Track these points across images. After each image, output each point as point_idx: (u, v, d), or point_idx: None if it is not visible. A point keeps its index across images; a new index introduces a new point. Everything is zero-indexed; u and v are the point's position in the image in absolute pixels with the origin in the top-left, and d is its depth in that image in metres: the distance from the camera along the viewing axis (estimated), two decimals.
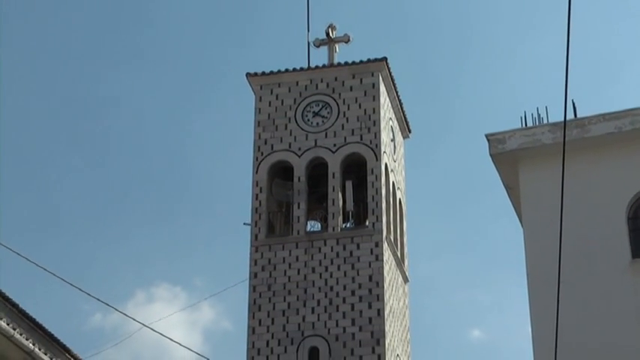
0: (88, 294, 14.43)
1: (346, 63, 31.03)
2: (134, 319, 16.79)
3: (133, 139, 62.44)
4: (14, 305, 21.40)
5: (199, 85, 62.70)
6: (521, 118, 20.35)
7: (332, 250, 28.60)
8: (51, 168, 59.72)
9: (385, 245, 28.76)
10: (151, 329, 16.75)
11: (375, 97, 30.39)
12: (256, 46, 61.40)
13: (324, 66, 31.33)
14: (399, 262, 30.62)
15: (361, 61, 30.88)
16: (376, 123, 30.03)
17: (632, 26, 66.90)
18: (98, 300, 14.77)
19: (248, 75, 31.06)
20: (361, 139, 29.88)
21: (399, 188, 31.95)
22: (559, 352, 15.90)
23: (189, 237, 60.98)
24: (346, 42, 32.39)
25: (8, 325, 15.55)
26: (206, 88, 62.65)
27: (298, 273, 28.42)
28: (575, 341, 17.44)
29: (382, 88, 30.84)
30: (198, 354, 20.68)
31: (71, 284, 13.86)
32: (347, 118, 30.19)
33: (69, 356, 23.11)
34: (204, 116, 62.32)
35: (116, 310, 16.32)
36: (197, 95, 62.44)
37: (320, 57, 32.04)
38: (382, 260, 28.30)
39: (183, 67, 63.97)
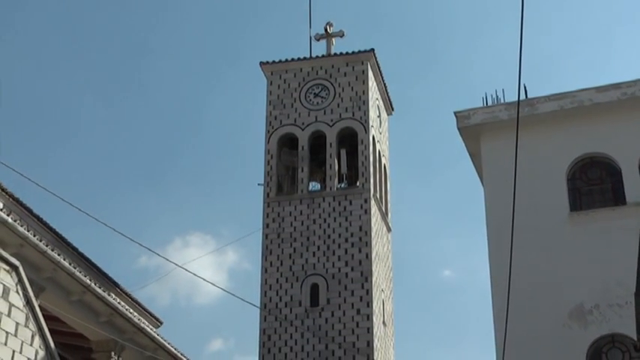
0: (135, 241, 14.55)
1: (341, 53, 31.03)
2: (171, 261, 16.89)
3: (170, 113, 62.78)
4: (74, 249, 21.76)
5: (223, 72, 62.71)
6: (483, 98, 20.45)
7: (329, 206, 28.74)
8: (106, 138, 59.86)
9: (372, 201, 28.92)
10: (185, 269, 16.80)
11: (365, 81, 30.42)
12: (268, 40, 61.40)
13: (323, 56, 31.31)
14: (384, 215, 30.80)
15: (353, 52, 30.89)
16: (365, 102, 30.08)
17: (575, 22, 66.82)
18: (143, 246, 14.84)
19: (261, 63, 31.09)
20: (353, 115, 29.95)
21: (383, 155, 32.07)
22: (512, 285, 16.11)
23: (216, 195, 61.40)
24: (341, 36, 32.37)
25: (70, 264, 15.75)
26: (227, 74, 62.66)
27: (302, 224, 28.57)
28: (525, 277, 17.57)
29: (370, 74, 30.87)
30: (224, 289, 20.93)
31: (122, 234, 13.99)
32: (341, 99, 30.24)
33: (118, 290, 23.46)
34: (227, 97, 62.59)
35: (157, 254, 16.43)
36: (220, 80, 62.46)
37: (320, 48, 32.07)
38: (370, 214, 28.47)
39: (209, 57, 63.93)
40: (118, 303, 17.25)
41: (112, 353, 17.30)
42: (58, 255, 15.37)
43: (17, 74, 55.48)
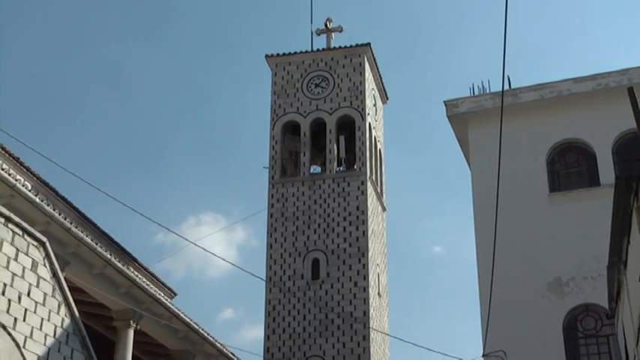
0: (153, 220, 14.63)
1: (340, 47, 31.05)
2: (185, 238, 17.05)
3: (182, 102, 62.82)
4: (96, 226, 21.89)
5: (231, 63, 62.69)
6: (470, 88, 20.51)
7: (329, 187, 28.84)
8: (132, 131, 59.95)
9: (369, 183, 29.04)
10: (197, 245, 16.85)
11: (361, 73, 30.48)
12: (272, 34, 61.27)
13: (323, 49, 31.32)
14: (379, 196, 30.92)
15: (351, 46, 30.91)
16: (362, 92, 30.14)
17: (555, 18, 66.70)
18: (159, 224, 14.90)
19: (266, 56, 31.13)
20: (351, 104, 30.02)
21: (379, 141, 32.15)
22: (496, 260, 16.24)
23: (226, 178, 61.51)
24: (340, 31, 32.38)
25: (93, 240, 15.88)
26: (235, 65, 62.63)
27: (304, 204, 28.70)
28: (508, 252, 17.72)
29: (367, 66, 30.90)
30: (233, 264, 21.02)
31: (141, 213, 14.04)
32: (340, 89, 30.29)
33: (137, 264, 23.61)
34: (235, 87, 62.59)
35: (172, 231, 16.50)
36: (228, 71, 62.47)
37: (320, 42, 32.07)
38: (366, 194, 28.59)
39: (218, 50, 63.85)
40: (136, 276, 17.40)
41: (131, 322, 17.47)
42: (82, 232, 15.50)
43: (27, 61, 55.53)
